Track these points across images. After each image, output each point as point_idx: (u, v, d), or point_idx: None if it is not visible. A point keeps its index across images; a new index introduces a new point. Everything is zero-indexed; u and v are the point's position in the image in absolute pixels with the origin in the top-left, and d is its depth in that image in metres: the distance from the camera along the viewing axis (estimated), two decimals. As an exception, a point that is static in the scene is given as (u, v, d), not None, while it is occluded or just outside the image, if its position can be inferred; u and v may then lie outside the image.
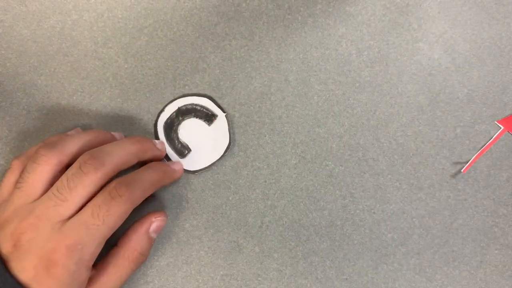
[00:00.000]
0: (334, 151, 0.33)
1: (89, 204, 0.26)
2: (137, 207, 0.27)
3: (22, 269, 0.24)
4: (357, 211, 0.32)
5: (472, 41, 0.34)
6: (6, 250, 0.25)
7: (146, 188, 0.28)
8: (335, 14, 0.34)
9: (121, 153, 0.28)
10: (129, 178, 0.27)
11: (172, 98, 0.33)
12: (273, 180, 0.33)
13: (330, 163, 0.33)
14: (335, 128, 0.33)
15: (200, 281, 0.32)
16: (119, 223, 0.26)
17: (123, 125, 0.33)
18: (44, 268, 0.24)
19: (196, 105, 0.33)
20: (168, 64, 0.34)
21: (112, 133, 0.31)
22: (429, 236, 0.32)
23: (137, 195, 0.27)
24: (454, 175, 0.33)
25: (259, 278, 0.31)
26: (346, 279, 0.31)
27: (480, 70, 0.34)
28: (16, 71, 0.34)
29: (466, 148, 0.33)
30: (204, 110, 0.33)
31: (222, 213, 0.32)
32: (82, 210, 0.26)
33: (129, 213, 0.27)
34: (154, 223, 0.29)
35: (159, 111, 0.33)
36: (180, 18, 0.34)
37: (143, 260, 0.29)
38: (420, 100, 0.34)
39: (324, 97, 0.34)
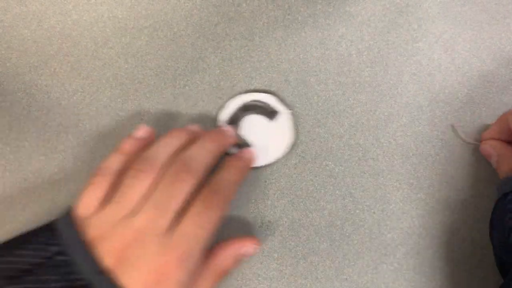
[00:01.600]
0: (334, 151, 0.33)
1: (188, 215, 0.26)
2: None
3: (129, 284, 0.24)
4: (357, 211, 0.32)
5: (472, 41, 0.34)
6: (108, 265, 0.24)
7: (234, 190, 0.29)
8: (335, 14, 0.34)
9: (207, 156, 0.28)
10: (217, 186, 0.28)
11: (235, 94, 0.33)
12: (273, 180, 0.33)
13: (330, 163, 0.33)
14: (335, 128, 0.33)
15: (200, 281, 0.32)
16: (216, 229, 0.27)
17: (123, 125, 0.33)
18: (154, 281, 0.24)
19: (258, 101, 0.33)
20: (168, 64, 0.34)
21: (189, 127, 0.31)
22: (429, 236, 0.32)
23: (228, 200, 0.28)
24: (454, 175, 0.33)
25: (259, 278, 0.31)
26: (346, 279, 0.31)
27: (480, 70, 0.34)
28: (16, 71, 0.34)
29: (466, 148, 0.33)
30: (266, 106, 0.33)
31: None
32: (184, 220, 0.26)
33: (220, 218, 0.27)
34: (244, 248, 0.29)
35: (218, 106, 0.33)
36: (180, 18, 0.34)
37: (223, 278, 0.29)
38: (420, 100, 0.34)
39: (324, 97, 0.34)
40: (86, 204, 0.26)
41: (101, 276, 0.23)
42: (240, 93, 0.33)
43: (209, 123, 0.33)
